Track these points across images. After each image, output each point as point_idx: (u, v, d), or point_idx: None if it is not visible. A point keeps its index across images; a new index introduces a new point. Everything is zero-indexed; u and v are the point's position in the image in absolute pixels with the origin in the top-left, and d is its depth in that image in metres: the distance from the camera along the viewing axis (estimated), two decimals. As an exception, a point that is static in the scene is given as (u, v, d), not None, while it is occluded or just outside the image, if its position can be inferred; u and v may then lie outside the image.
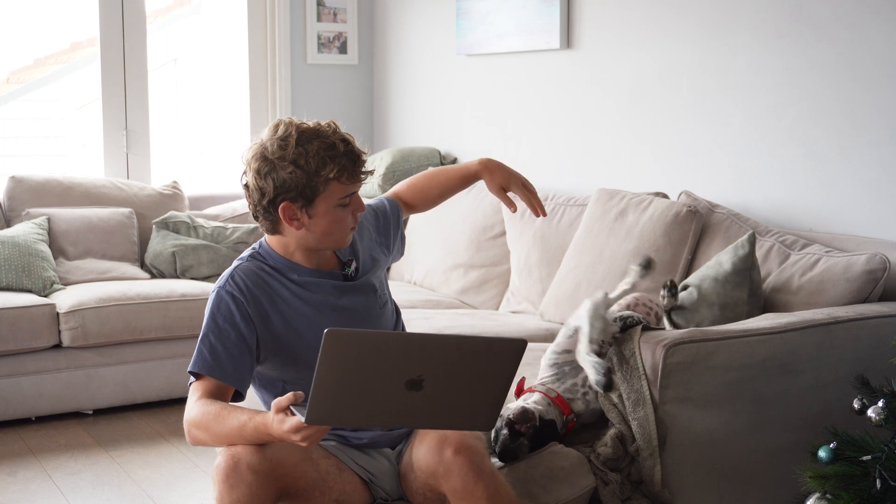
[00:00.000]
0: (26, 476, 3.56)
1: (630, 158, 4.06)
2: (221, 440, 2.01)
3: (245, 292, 2.13)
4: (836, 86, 3.25)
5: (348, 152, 2.11)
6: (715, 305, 2.87)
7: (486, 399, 1.86)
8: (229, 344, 2.10)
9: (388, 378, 1.79)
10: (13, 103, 5.78)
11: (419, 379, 1.79)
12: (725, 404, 2.49)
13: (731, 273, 2.88)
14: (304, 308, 2.18)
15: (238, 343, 2.10)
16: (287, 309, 2.17)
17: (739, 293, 2.87)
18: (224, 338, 2.10)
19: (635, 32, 3.99)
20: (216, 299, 2.14)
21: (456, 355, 1.81)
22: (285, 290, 2.18)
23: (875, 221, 3.16)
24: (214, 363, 2.09)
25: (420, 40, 5.25)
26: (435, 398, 1.82)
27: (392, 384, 1.79)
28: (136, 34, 5.15)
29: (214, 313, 2.13)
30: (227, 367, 2.09)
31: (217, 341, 2.10)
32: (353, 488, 2.17)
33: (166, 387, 4.33)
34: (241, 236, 4.84)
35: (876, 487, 2.18)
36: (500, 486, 2.05)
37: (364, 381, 1.78)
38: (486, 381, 1.84)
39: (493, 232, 4.20)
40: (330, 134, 2.12)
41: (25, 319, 4.03)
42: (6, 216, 4.66)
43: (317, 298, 2.20)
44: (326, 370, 1.75)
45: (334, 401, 1.79)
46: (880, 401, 2.27)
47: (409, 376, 1.78)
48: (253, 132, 5.47)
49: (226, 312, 2.12)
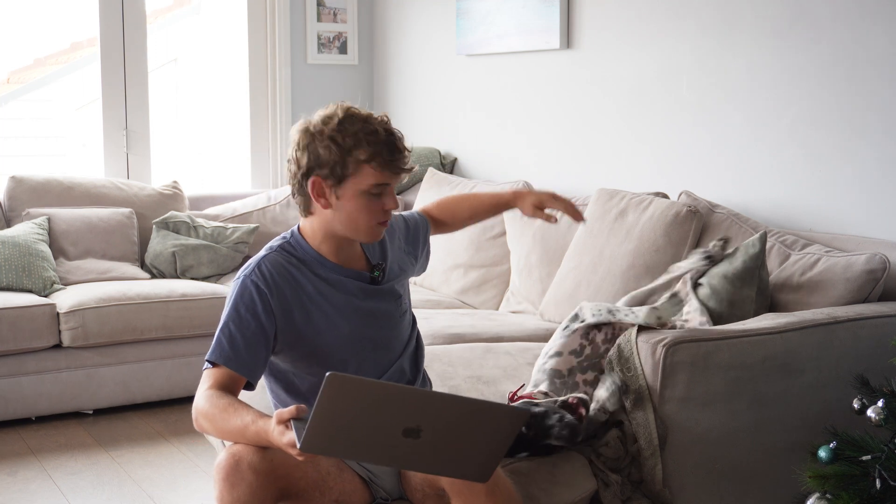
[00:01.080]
0: (26, 476, 3.56)
1: (630, 158, 4.06)
2: (224, 435, 2.02)
3: (270, 283, 2.13)
4: (836, 86, 3.25)
5: (388, 141, 2.10)
6: (724, 301, 2.88)
7: (480, 455, 1.86)
8: (248, 334, 2.10)
9: (385, 424, 1.79)
10: (13, 103, 5.78)
11: (417, 428, 1.78)
12: (725, 404, 2.49)
13: (741, 271, 2.88)
14: (326, 305, 2.18)
15: (257, 334, 2.10)
16: (309, 304, 2.17)
17: (748, 291, 2.88)
18: (244, 327, 2.10)
19: (635, 32, 3.99)
20: (241, 288, 2.14)
21: (456, 414, 1.80)
22: (310, 286, 2.18)
23: (875, 221, 3.16)
24: (232, 353, 2.09)
25: (420, 40, 5.25)
26: (431, 448, 1.82)
27: (389, 430, 1.79)
28: (136, 34, 5.15)
29: (237, 301, 2.13)
30: (243, 357, 2.09)
31: (237, 331, 2.10)
32: (352, 488, 2.18)
33: (166, 387, 4.33)
34: (241, 236, 4.84)
35: (876, 487, 2.18)
36: (500, 480, 2.06)
37: (361, 425, 1.78)
38: (482, 440, 1.84)
39: (493, 232, 4.20)
40: (375, 121, 2.12)
41: (25, 319, 4.03)
42: (6, 216, 4.66)
43: (340, 298, 2.20)
44: (324, 409, 1.75)
45: (330, 437, 1.79)
46: (880, 401, 2.27)
47: (407, 425, 1.78)
48: (253, 132, 5.47)
49: (248, 302, 2.12)
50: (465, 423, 1.81)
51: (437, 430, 1.80)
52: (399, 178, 2.13)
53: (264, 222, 5.06)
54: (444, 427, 1.80)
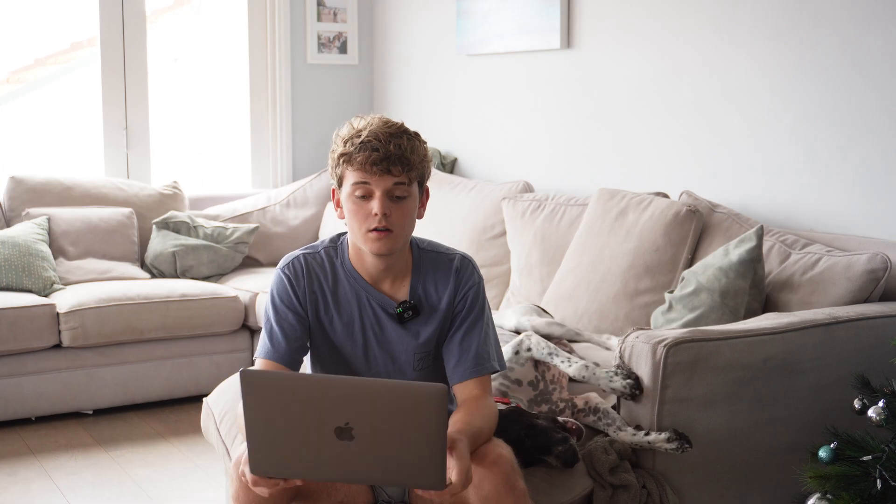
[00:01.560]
0: (26, 476, 3.56)
1: (630, 158, 4.06)
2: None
3: (301, 276, 2.22)
4: (837, 85, 3.25)
5: (368, 142, 2.10)
6: (716, 292, 2.89)
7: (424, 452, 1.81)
8: (286, 325, 2.20)
9: (315, 425, 1.77)
10: (13, 103, 5.77)
11: (347, 427, 1.77)
12: (726, 404, 2.49)
13: (736, 263, 2.90)
14: (345, 316, 2.23)
15: (295, 324, 2.20)
16: (332, 309, 2.23)
17: (742, 283, 2.88)
18: (282, 319, 2.20)
19: (635, 32, 3.99)
20: (277, 280, 2.24)
21: (377, 401, 1.78)
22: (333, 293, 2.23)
23: (875, 221, 3.16)
24: (272, 347, 2.20)
25: (420, 40, 5.24)
26: (368, 448, 1.79)
27: (321, 431, 1.77)
28: (136, 34, 5.15)
29: (274, 294, 2.23)
30: (282, 349, 2.19)
31: (277, 325, 2.20)
32: (357, 490, 2.19)
33: (166, 387, 4.33)
34: (241, 236, 4.84)
35: (876, 487, 2.18)
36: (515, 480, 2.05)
37: (292, 427, 1.78)
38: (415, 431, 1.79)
39: (494, 232, 4.20)
40: (371, 124, 2.14)
41: (25, 319, 4.03)
42: (6, 216, 4.66)
43: (356, 314, 2.23)
44: (252, 413, 1.77)
45: (270, 448, 1.80)
46: (881, 401, 2.27)
47: (337, 423, 1.77)
48: (253, 132, 5.47)
49: (283, 293, 2.22)
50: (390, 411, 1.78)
51: (367, 425, 1.77)
52: (384, 182, 2.11)
53: (264, 222, 5.06)
54: (373, 420, 1.78)
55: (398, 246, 2.17)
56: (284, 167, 5.46)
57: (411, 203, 2.15)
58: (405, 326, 2.23)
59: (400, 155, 2.10)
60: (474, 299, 2.23)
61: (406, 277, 2.24)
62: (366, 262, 2.22)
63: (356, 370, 2.25)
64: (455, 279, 2.23)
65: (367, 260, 2.21)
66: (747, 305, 2.90)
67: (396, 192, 2.12)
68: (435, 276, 2.24)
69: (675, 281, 3.27)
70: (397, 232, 2.14)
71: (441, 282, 2.23)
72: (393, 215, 2.12)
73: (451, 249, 2.29)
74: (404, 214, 2.14)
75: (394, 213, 2.12)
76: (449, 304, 2.23)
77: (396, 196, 2.13)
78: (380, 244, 2.14)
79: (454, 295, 2.23)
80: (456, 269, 2.24)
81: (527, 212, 4.00)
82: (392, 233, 2.13)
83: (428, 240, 2.31)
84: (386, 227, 2.12)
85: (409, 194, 2.14)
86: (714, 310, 2.90)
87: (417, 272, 2.24)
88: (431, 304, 2.23)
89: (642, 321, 3.24)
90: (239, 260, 4.86)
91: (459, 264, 2.25)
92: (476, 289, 2.24)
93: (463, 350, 2.20)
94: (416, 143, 2.15)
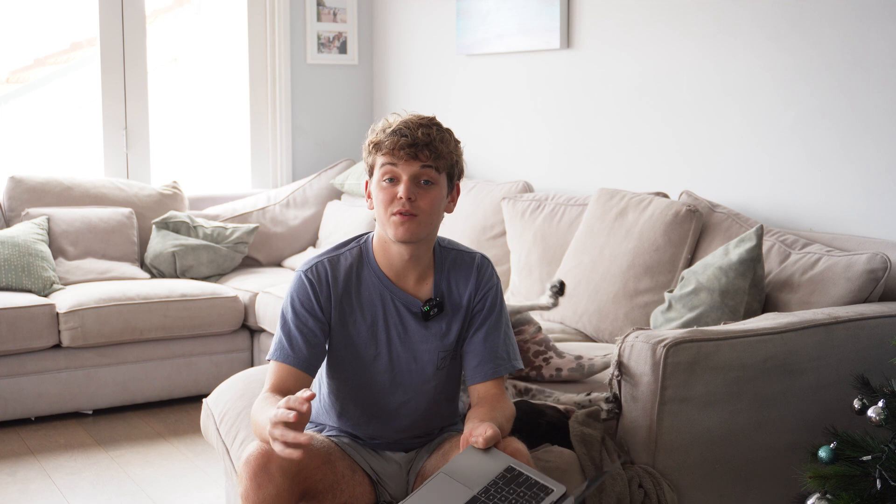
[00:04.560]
0: (26, 476, 3.56)
1: (630, 158, 4.06)
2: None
3: (323, 280, 2.18)
4: (837, 85, 3.25)
5: (398, 130, 2.12)
6: (715, 291, 2.89)
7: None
8: (305, 330, 2.16)
9: None
10: (13, 103, 5.77)
11: None
12: (726, 404, 2.49)
13: (735, 262, 2.90)
14: (361, 321, 2.20)
15: (315, 329, 2.16)
16: (354, 310, 2.20)
17: (741, 282, 2.89)
18: (302, 324, 2.16)
19: (635, 32, 3.99)
20: (297, 283, 2.20)
21: None
22: (356, 297, 2.20)
23: (875, 221, 3.16)
24: (291, 351, 2.15)
25: (420, 40, 5.24)
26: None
27: None
28: (136, 34, 5.15)
29: (294, 298, 2.19)
30: (302, 353, 2.15)
31: (296, 329, 2.16)
32: (361, 490, 2.20)
33: (166, 387, 4.33)
34: (241, 236, 4.84)
35: (876, 487, 2.18)
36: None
37: None
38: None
39: (493, 232, 4.20)
40: (406, 116, 2.17)
41: (25, 319, 4.03)
42: (6, 216, 4.66)
43: (380, 316, 2.20)
44: None
45: None
46: (880, 401, 2.27)
47: None
48: (253, 132, 5.47)
49: (304, 297, 2.18)
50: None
51: None
52: (411, 167, 2.11)
53: (264, 222, 5.06)
54: None
55: (422, 233, 2.14)
56: (284, 167, 5.47)
57: (438, 191, 2.14)
58: (428, 326, 2.22)
59: (428, 142, 2.12)
60: (494, 299, 2.25)
61: (429, 275, 2.23)
62: (391, 256, 2.19)
63: (376, 370, 2.22)
64: (476, 278, 2.24)
65: (393, 252, 2.18)
66: (747, 305, 2.90)
67: (423, 176, 2.12)
68: (457, 274, 2.24)
69: (674, 280, 3.28)
70: (422, 218, 2.12)
71: (462, 280, 2.24)
72: (419, 200, 2.11)
73: (469, 248, 2.31)
74: (430, 201, 2.13)
75: (419, 199, 2.12)
76: (469, 302, 2.24)
77: (423, 181, 2.12)
78: (403, 228, 2.11)
79: (474, 293, 2.24)
80: (477, 267, 2.25)
81: (527, 212, 4.00)
82: (416, 217, 2.12)
83: (447, 238, 2.31)
84: (410, 212, 2.11)
85: (436, 182, 2.14)
86: (714, 309, 2.90)
87: (440, 270, 2.24)
88: (454, 302, 2.23)
89: (642, 321, 3.25)
90: (239, 260, 4.87)
91: (480, 263, 2.26)
92: (496, 288, 2.26)
93: (486, 350, 2.22)
94: (445, 134, 2.17)
